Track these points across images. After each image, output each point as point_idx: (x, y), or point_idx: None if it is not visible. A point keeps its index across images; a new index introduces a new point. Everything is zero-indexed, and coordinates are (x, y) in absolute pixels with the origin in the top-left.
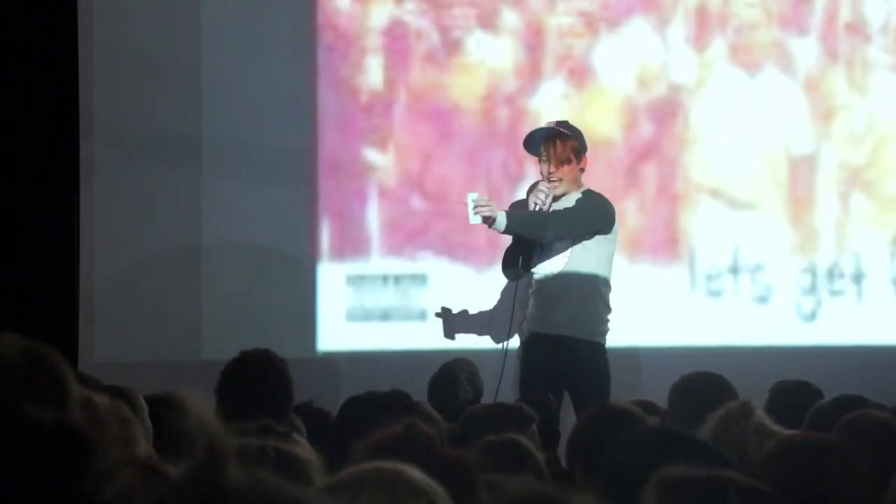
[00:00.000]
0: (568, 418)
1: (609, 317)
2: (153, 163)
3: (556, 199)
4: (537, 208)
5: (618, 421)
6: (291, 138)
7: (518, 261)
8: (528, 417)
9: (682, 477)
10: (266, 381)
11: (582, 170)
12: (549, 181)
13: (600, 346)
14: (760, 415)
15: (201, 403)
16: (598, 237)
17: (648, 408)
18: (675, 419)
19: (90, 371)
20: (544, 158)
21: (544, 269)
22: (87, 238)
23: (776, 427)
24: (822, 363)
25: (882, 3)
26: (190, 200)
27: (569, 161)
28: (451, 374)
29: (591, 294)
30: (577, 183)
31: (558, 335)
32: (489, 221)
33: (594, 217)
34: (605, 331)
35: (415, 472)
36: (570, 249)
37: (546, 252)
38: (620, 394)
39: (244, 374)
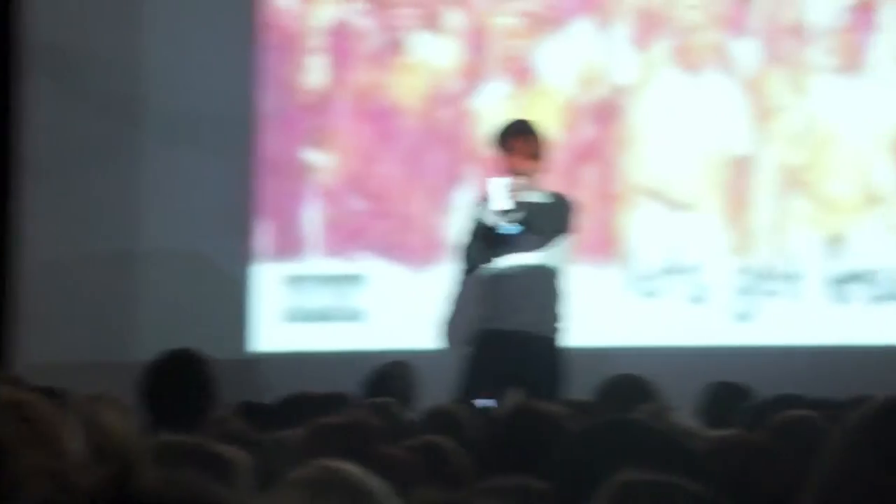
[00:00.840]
0: None
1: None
2: (89, 162)
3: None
4: (506, 201)
5: (535, 421)
6: (232, 137)
7: (491, 252)
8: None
9: (636, 481)
10: (187, 379)
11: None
12: (517, 174)
13: (562, 344)
14: (675, 415)
15: (112, 411)
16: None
17: (582, 406)
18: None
19: (22, 373)
20: (512, 151)
21: (515, 262)
22: (19, 239)
23: (692, 426)
24: (756, 364)
25: (822, 5)
26: (127, 199)
27: (537, 157)
28: (384, 376)
29: (557, 290)
30: (537, 182)
31: (524, 332)
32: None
33: (573, 216)
34: (566, 328)
35: (357, 472)
36: (541, 245)
37: (517, 245)
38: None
39: (165, 375)
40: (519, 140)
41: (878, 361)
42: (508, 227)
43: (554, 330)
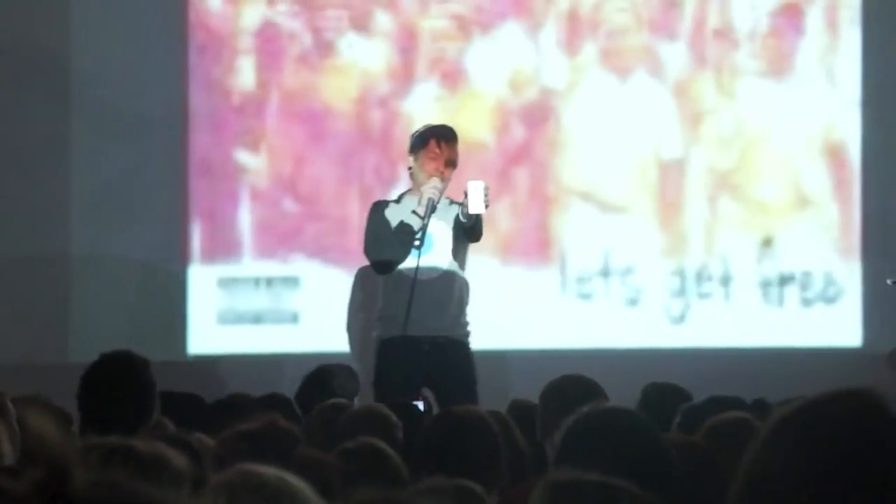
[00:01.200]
0: None
1: None
2: (21, 162)
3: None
4: (429, 203)
5: (466, 425)
6: (162, 139)
7: (412, 254)
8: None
9: (573, 481)
10: (127, 383)
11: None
12: (443, 179)
13: (470, 347)
14: None
15: (41, 415)
16: None
17: (528, 408)
18: (545, 423)
19: None
20: (436, 154)
21: (431, 265)
22: None
23: None
24: (690, 365)
25: (749, 9)
26: (59, 201)
27: (455, 165)
28: (323, 377)
29: (465, 295)
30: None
31: (443, 336)
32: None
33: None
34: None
35: (276, 474)
36: (451, 250)
37: (429, 251)
38: (493, 397)
39: (104, 377)
40: (441, 144)
41: (811, 363)
42: (429, 232)
43: (467, 334)
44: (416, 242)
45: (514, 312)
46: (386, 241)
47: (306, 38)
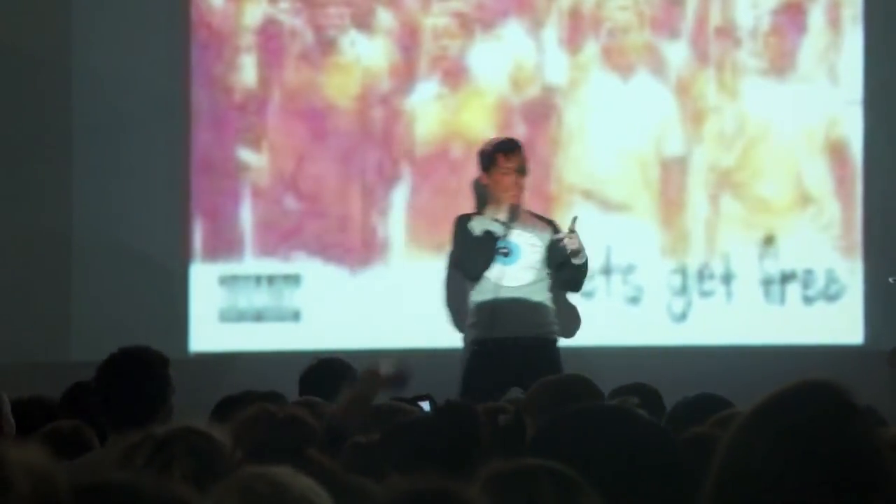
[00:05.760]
0: None
1: None
2: (22, 160)
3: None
4: (510, 209)
5: (467, 420)
6: (164, 137)
7: (500, 261)
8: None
9: (502, 471)
10: (143, 377)
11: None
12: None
13: (557, 346)
14: None
15: (21, 450)
16: None
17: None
18: (538, 421)
19: None
20: (506, 169)
21: (515, 273)
22: None
23: None
24: (691, 363)
25: (751, 7)
26: (60, 199)
27: (525, 172)
28: (323, 373)
29: (550, 300)
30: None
31: (525, 337)
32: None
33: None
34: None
35: (286, 474)
36: (537, 260)
37: (515, 260)
38: None
39: (124, 371)
40: (508, 156)
41: (812, 360)
42: None
43: (554, 332)
44: (504, 249)
45: None
46: (473, 250)
47: (308, 35)
